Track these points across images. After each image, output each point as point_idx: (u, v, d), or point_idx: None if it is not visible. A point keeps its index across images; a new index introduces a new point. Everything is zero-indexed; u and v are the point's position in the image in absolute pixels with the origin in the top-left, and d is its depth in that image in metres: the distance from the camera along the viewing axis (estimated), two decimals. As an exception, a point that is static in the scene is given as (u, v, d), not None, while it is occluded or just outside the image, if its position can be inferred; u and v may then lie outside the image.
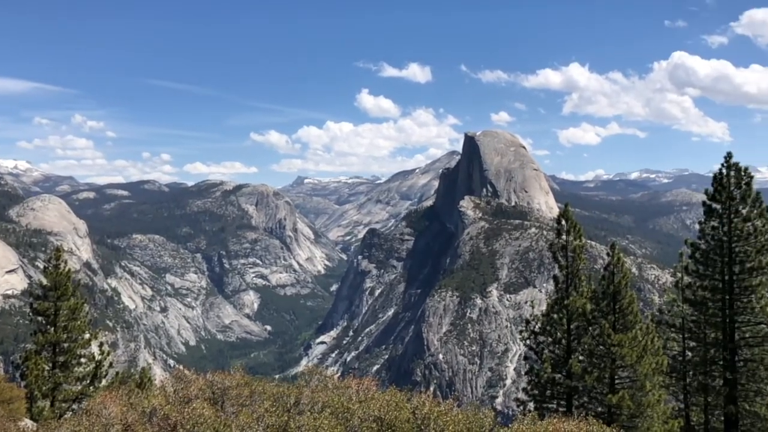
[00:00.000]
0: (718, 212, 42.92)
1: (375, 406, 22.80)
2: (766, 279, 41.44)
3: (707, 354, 43.91)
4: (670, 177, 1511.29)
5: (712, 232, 43.31)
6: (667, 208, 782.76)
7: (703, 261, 43.70)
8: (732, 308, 42.73)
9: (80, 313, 50.33)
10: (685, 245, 45.53)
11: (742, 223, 41.82)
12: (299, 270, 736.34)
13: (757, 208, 41.82)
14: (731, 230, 42.22)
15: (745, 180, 42.21)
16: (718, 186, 42.86)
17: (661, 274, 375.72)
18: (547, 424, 24.53)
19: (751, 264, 41.51)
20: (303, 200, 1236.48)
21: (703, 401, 44.43)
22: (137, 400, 30.07)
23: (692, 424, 45.45)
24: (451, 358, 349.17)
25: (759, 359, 42.03)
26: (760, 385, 42.22)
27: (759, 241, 41.60)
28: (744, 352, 43.05)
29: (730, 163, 42.67)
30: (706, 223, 43.76)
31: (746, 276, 41.95)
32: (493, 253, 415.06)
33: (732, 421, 42.59)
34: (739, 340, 43.04)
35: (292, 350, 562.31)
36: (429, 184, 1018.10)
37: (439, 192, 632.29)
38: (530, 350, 44.64)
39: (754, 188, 42.33)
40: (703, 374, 44.14)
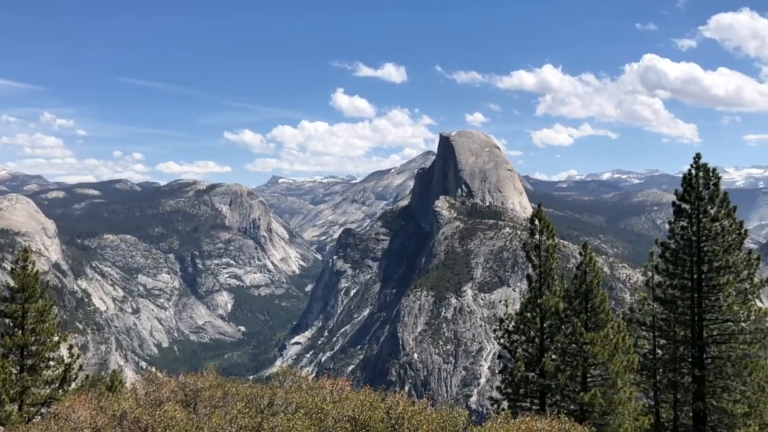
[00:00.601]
0: (687, 212, 43.61)
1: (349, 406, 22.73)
2: (733, 278, 42.24)
3: (676, 351, 44.62)
4: (641, 177, 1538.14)
5: (682, 231, 43.99)
6: (638, 208, 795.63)
7: (673, 260, 44.37)
8: (700, 306, 43.48)
9: (49, 315, 49.29)
10: (655, 245, 46.16)
11: (710, 223, 42.57)
12: (274, 270, 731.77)
13: (724, 209, 42.60)
14: (700, 230, 42.95)
15: (713, 181, 42.98)
16: (687, 186, 43.56)
17: (632, 273, 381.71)
18: (520, 422, 24.71)
19: (718, 263, 42.28)
20: (277, 200, 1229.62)
21: (673, 398, 45.14)
22: (107, 404, 29.55)
23: (662, 421, 46.17)
24: (426, 358, 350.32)
25: (726, 356, 42.85)
26: (727, 381, 43.04)
27: (726, 241, 42.40)
28: (712, 349, 43.83)
29: (699, 164, 43.39)
30: (676, 223, 44.44)
31: (714, 275, 42.70)
32: (468, 252, 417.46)
33: (700, 417, 43.37)
34: (707, 337, 43.80)
35: (266, 351, 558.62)
36: (404, 184, 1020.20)
37: (415, 192, 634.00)
38: (504, 349, 44.92)
39: (721, 189, 43.09)
40: (672, 371, 44.84)
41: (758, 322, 42.51)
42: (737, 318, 42.53)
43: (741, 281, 42.98)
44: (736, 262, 42.33)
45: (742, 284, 43.07)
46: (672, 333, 45.14)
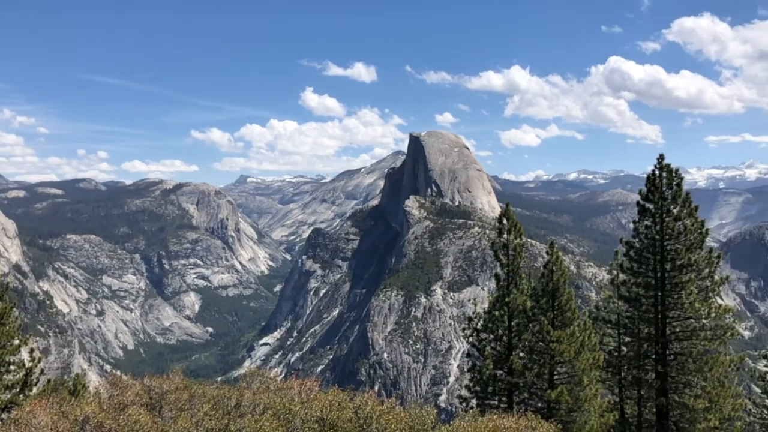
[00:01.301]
0: (651, 212, 44.37)
1: (317, 407, 22.57)
2: (695, 276, 43.14)
3: (641, 349, 45.41)
4: (607, 178, 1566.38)
5: (646, 230, 44.74)
6: (604, 208, 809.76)
7: (637, 259, 45.10)
8: (664, 304, 44.30)
9: (8, 318, 47.89)
10: (620, 244, 46.82)
11: (673, 222, 43.37)
12: (242, 270, 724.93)
13: (687, 208, 43.46)
14: (663, 229, 43.73)
15: (676, 181, 43.81)
16: (651, 186, 44.32)
17: (598, 271, 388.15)
18: (488, 420, 24.86)
19: (681, 261, 43.12)
20: (246, 199, 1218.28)
21: (637, 394, 45.93)
22: (69, 408, 28.82)
23: (626, 417, 46.95)
24: (395, 357, 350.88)
25: (688, 352, 43.78)
26: (688, 377, 43.96)
27: (689, 240, 43.27)
28: (674, 346, 44.69)
29: (663, 164, 44.17)
30: (640, 222, 45.19)
31: (677, 273, 43.53)
32: (438, 252, 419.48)
33: (663, 413, 44.22)
34: (670, 334, 44.63)
35: (234, 352, 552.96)
36: (374, 183, 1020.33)
37: (385, 191, 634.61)
38: (473, 347, 45.14)
39: (684, 189, 43.93)
40: (636, 368, 45.63)
41: (718, 319, 43.49)
42: (699, 315, 43.42)
43: (702, 279, 43.87)
44: (698, 260, 43.19)
45: (703, 282, 43.97)
46: (636, 330, 45.90)
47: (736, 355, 44.98)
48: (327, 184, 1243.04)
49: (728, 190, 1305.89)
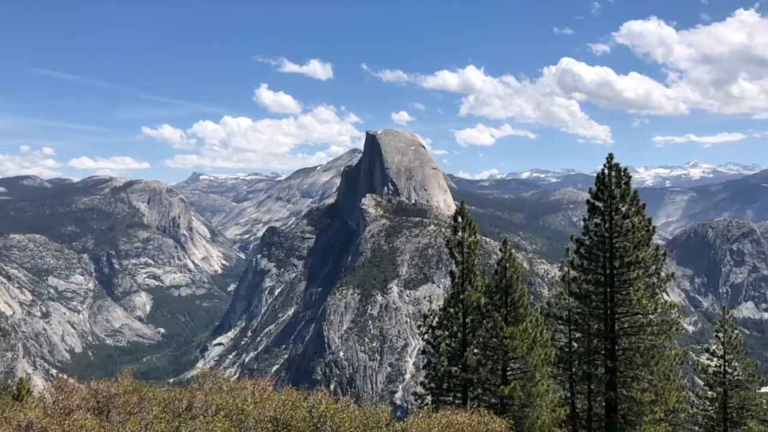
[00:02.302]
0: (601, 210, 45.36)
1: (271, 407, 22.28)
2: (642, 272, 44.34)
3: (591, 344, 46.43)
4: (559, 177, 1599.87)
5: (595, 228, 45.73)
6: (556, 206, 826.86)
7: (587, 256, 46.05)
8: (612, 300, 45.39)
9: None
10: (571, 241, 47.71)
11: (621, 220, 44.47)
12: (195, 270, 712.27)
13: (635, 206, 44.62)
14: (612, 227, 44.80)
15: (625, 180, 44.93)
16: (600, 185, 45.33)
17: (550, 268, 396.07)
18: (441, 416, 25.03)
19: (629, 258, 44.25)
20: (199, 197, 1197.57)
21: (587, 389, 46.95)
22: (12, 414, 27.70)
23: (577, 411, 47.96)
24: (351, 356, 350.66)
25: (635, 347, 44.99)
26: (636, 371, 45.21)
27: (636, 237, 44.44)
28: (623, 341, 45.85)
29: (612, 164, 45.21)
30: (590, 220, 46.16)
31: (625, 270, 44.64)
32: (394, 250, 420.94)
33: (612, 407, 45.36)
34: (619, 330, 45.76)
35: (187, 353, 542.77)
36: (331, 181, 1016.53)
37: (341, 190, 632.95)
38: (428, 344, 45.35)
39: (632, 187, 45.06)
40: (587, 363, 46.63)
41: (664, 315, 44.81)
42: (646, 311, 44.60)
43: (649, 276, 45.11)
44: (645, 257, 44.38)
45: (650, 279, 45.21)
46: (586, 326, 46.88)
47: (680, 349, 46.45)
48: (282, 182, 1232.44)
49: (674, 189, 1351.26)
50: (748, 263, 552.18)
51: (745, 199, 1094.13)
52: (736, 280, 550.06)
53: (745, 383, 53.17)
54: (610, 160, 45.27)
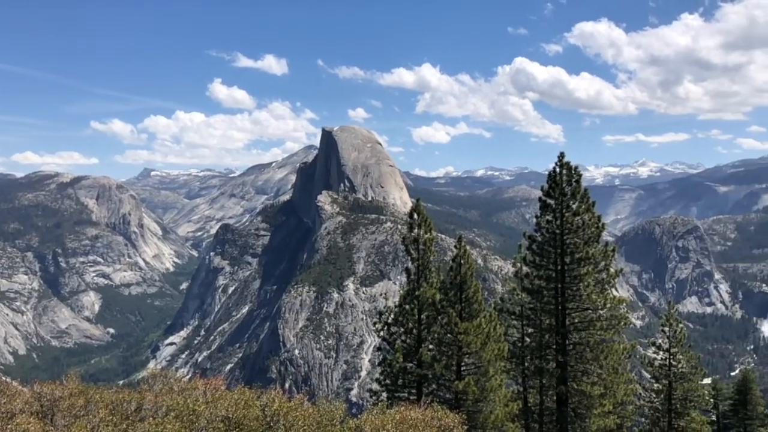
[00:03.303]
0: (552, 207, 46.11)
1: (223, 406, 21.89)
2: (592, 268, 45.29)
3: (542, 339, 47.20)
4: (512, 174, 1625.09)
5: (547, 225, 46.47)
6: (509, 204, 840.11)
7: (539, 252, 46.77)
8: (563, 296, 46.23)
9: None
10: (524, 238, 48.32)
11: (572, 217, 45.30)
12: (146, 268, 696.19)
13: (585, 204, 45.52)
14: (563, 224, 45.58)
15: (575, 178, 45.76)
16: (552, 183, 46.07)
17: (503, 264, 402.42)
18: (395, 413, 25.08)
19: (579, 255, 45.14)
20: (150, 194, 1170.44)
21: (539, 383, 47.74)
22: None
23: (529, 406, 48.76)
24: (307, 353, 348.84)
25: (585, 342, 45.98)
26: (586, 365, 46.21)
27: (586, 234, 45.36)
28: (573, 336, 46.76)
29: (563, 162, 45.98)
30: (542, 217, 46.89)
31: (575, 266, 45.52)
32: (350, 247, 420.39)
33: (563, 400, 46.25)
34: (570, 325, 46.63)
35: (138, 353, 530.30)
36: (286, 178, 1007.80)
37: (297, 186, 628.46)
38: (384, 341, 45.37)
39: (582, 185, 45.93)
40: (538, 358, 47.41)
41: (613, 310, 45.88)
42: (595, 306, 45.56)
43: (599, 272, 46.10)
44: (595, 253, 45.34)
45: (600, 274, 46.21)
46: (538, 321, 47.65)
47: (628, 344, 47.65)
48: (236, 179, 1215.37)
49: (623, 187, 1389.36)
50: (693, 259, 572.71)
51: (690, 196, 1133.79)
52: (681, 275, 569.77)
53: (688, 375, 55.04)
54: (561, 158, 46.01)
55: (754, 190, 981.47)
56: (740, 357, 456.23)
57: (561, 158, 46.04)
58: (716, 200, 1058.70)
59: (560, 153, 46.16)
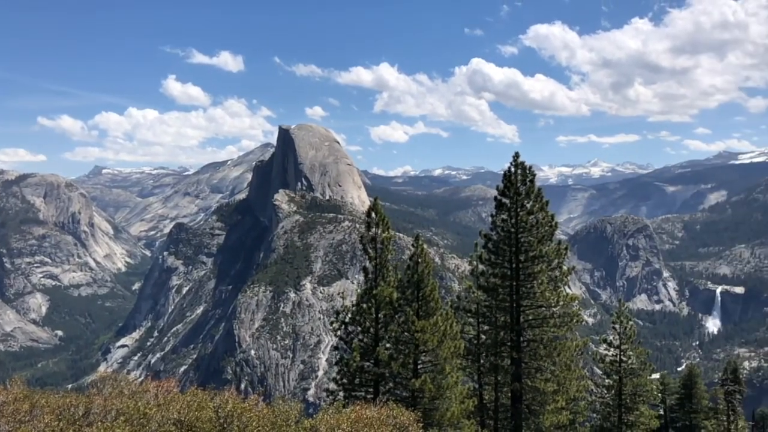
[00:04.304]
0: (507, 206, 46.82)
1: (175, 409, 21.40)
2: (546, 266, 46.17)
3: (498, 336, 47.84)
4: (469, 174, 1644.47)
5: (502, 224, 47.15)
6: (466, 203, 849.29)
7: (495, 251, 47.41)
8: (518, 293, 46.98)
9: None
10: (480, 236, 48.92)
11: (526, 216, 46.08)
12: (96, 268, 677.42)
13: (539, 203, 46.37)
14: (518, 222, 46.33)
15: (530, 178, 46.57)
16: (507, 183, 46.77)
17: (460, 263, 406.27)
18: (351, 411, 25.01)
19: (533, 253, 45.95)
20: (101, 192, 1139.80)
21: (494, 380, 48.39)
22: None
23: (485, 402, 49.34)
24: (263, 354, 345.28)
25: (539, 339, 46.82)
26: (540, 362, 47.05)
27: (540, 232, 46.20)
28: (527, 333, 47.56)
29: (518, 162, 46.73)
30: (497, 216, 47.55)
31: (529, 264, 46.32)
32: (308, 246, 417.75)
33: (517, 397, 46.98)
34: (524, 322, 47.42)
35: (88, 356, 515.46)
36: (242, 176, 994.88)
37: (253, 185, 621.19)
38: (341, 340, 45.23)
39: (536, 185, 46.79)
40: (494, 355, 48.03)
41: (566, 307, 46.85)
42: (549, 303, 46.44)
43: (552, 269, 47.02)
44: (548, 252, 46.22)
45: (553, 272, 47.13)
46: (494, 319, 48.27)
47: (580, 340, 48.71)
48: (190, 177, 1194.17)
49: (576, 187, 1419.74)
50: (642, 258, 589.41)
51: (639, 196, 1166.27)
52: (631, 273, 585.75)
53: (638, 371, 56.61)
54: (516, 158, 46.73)
55: (700, 190, 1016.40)
56: (686, 352, 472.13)
57: (516, 158, 46.77)
58: (665, 200, 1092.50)
59: (515, 153, 46.89)
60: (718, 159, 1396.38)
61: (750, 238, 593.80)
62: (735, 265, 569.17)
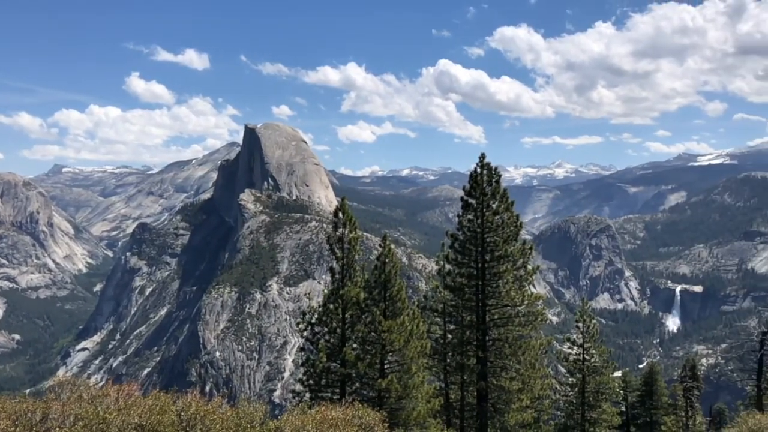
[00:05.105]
0: (474, 206, 47.16)
1: (136, 413, 20.94)
2: (511, 266, 46.64)
3: (464, 335, 48.15)
4: (436, 174, 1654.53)
5: (469, 224, 47.48)
6: (433, 203, 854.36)
7: (461, 250, 47.71)
8: (484, 293, 47.35)
9: None
10: (446, 236, 49.20)
11: (492, 216, 46.50)
12: (56, 269, 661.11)
13: (504, 203, 46.83)
14: (484, 222, 46.71)
15: (495, 178, 46.99)
16: (473, 183, 47.10)
17: (427, 262, 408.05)
18: (316, 412, 24.86)
19: (499, 252, 46.38)
20: (61, 191, 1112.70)
21: (460, 379, 48.69)
22: None
23: (451, 401, 49.59)
24: (228, 355, 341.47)
25: (504, 338, 47.28)
26: (505, 361, 47.52)
27: (505, 232, 46.66)
28: (493, 332, 47.96)
29: (484, 163, 47.10)
30: (464, 216, 47.86)
31: (495, 263, 46.73)
32: (274, 246, 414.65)
33: (483, 396, 47.34)
34: (489, 321, 47.80)
35: (46, 360, 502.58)
36: (207, 176, 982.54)
37: (218, 184, 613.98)
38: (307, 341, 44.91)
39: (502, 185, 47.25)
40: (460, 354, 48.32)
41: (531, 306, 47.41)
42: (514, 302, 46.94)
43: (517, 269, 47.52)
44: (514, 251, 46.72)
45: (518, 272, 47.64)
46: (460, 318, 48.57)
47: (545, 339, 49.30)
48: (154, 176, 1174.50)
49: (540, 187, 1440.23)
50: (605, 257, 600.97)
51: (602, 197, 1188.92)
52: (594, 273, 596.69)
53: (600, 369, 57.60)
54: (482, 159, 47.10)
55: (661, 191, 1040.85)
56: (647, 350, 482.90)
57: (482, 159, 47.14)
58: (627, 200, 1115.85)
59: (481, 154, 47.23)
60: (678, 161, 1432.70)
61: (708, 238, 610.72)
62: (694, 264, 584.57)
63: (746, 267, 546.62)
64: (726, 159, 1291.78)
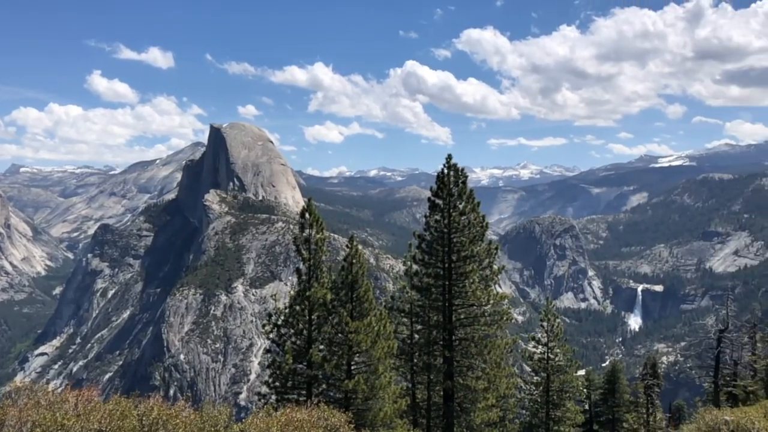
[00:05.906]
0: (440, 207, 47.45)
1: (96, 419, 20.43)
2: (477, 266, 47.03)
3: (430, 335, 48.37)
4: (404, 175, 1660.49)
5: (436, 224, 47.75)
6: (401, 203, 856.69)
7: (428, 251, 47.94)
8: (450, 293, 47.64)
9: None
10: (413, 237, 49.39)
11: (459, 217, 46.83)
12: (13, 272, 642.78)
13: (470, 204, 47.22)
14: (450, 223, 47.02)
15: (462, 179, 47.35)
16: (440, 184, 47.39)
17: (395, 263, 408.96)
18: (281, 414, 24.66)
19: (465, 253, 46.73)
20: (18, 191, 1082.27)
21: (427, 379, 48.90)
22: None
23: (417, 401, 49.75)
24: (193, 358, 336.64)
25: (471, 337, 47.64)
26: (471, 360, 47.89)
27: (472, 233, 47.06)
28: (459, 331, 48.30)
29: (450, 164, 47.41)
30: (431, 217, 48.11)
31: (462, 263, 47.07)
32: (240, 247, 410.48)
33: (449, 395, 47.61)
34: (456, 321, 48.12)
35: (3, 366, 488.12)
36: (171, 176, 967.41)
37: (183, 185, 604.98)
38: (273, 343, 44.54)
39: (469, 186, 47.65)
40: (427, 354, 48.53)
41: (496, 306, 47.89)
42: (480, 302, 47.33)
43: (483, 269, 47.98)
44: (480, 251, 47.13)
45: (484, 271, 48.10)
46: (427, 318, 48.76)
47: (510, 338, 49.87)
48: (117, 176, 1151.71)
49: (506, 188, 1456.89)
50: (569, 257, 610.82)
51: (566, 198, 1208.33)
52: (558, 272, 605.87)
53: (564, 368, 58.39)
54: (449, 160, 47.40)
55: (623, 192, 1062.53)
56: (610, 349, 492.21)
57: (449, 160, 47.44)
58: (590, 201, 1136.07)
59: (448, 155, 47.51)
60: (640, 162, 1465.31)
61: (668, 238, 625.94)
62: (655, 264, 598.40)
63: (704, 266, 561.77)
64: (686, 161, 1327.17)
